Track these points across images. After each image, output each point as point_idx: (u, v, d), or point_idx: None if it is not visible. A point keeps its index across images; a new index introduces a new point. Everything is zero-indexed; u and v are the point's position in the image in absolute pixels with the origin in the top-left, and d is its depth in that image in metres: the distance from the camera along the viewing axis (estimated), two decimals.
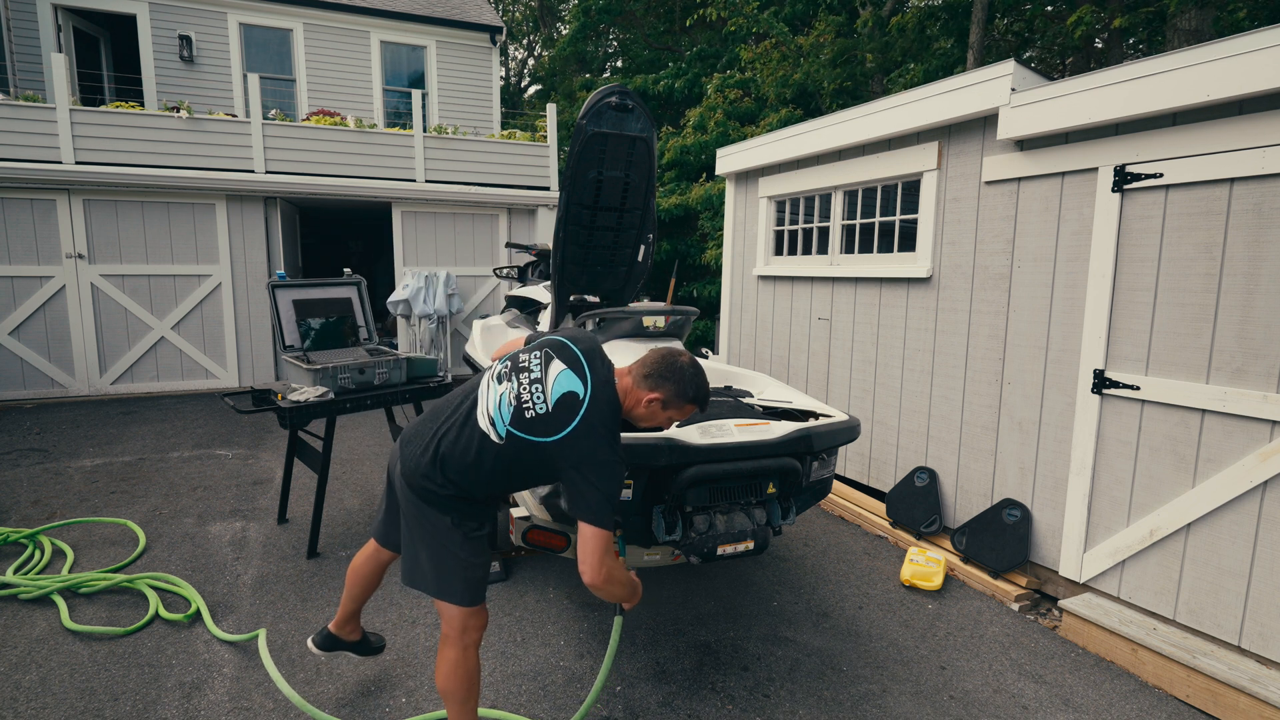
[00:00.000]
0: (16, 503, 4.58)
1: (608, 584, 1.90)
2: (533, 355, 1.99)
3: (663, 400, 1.97)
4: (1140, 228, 3.13)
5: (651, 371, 1.98)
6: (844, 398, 5.05)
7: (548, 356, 1.96)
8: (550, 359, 1.95)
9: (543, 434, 1.86)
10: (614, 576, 1.92)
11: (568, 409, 1.86)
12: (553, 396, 1.87)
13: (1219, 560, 2.89)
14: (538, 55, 25.77)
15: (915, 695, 2.75)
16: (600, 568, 1.87)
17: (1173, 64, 2.89)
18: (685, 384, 1.99)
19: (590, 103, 2.97)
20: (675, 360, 1.99)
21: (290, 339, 4.31)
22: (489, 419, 1.92)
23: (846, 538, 4.39)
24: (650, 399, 1.97)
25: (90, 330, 7.95)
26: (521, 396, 1.90)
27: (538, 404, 1.88)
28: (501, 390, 1.94)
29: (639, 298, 4.31)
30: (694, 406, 2.02)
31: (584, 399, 1.87)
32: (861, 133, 4.61)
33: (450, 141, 9.35)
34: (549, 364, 1.94)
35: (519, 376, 1.94)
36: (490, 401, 1.94)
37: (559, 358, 1.95)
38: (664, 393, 1.97)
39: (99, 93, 10.39)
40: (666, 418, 2.03)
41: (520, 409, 1.89)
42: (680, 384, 1.98)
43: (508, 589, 3.54)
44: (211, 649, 2.93)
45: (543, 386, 1.90)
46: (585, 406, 1.86)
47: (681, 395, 1.98)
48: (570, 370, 1.92)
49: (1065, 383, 3.48)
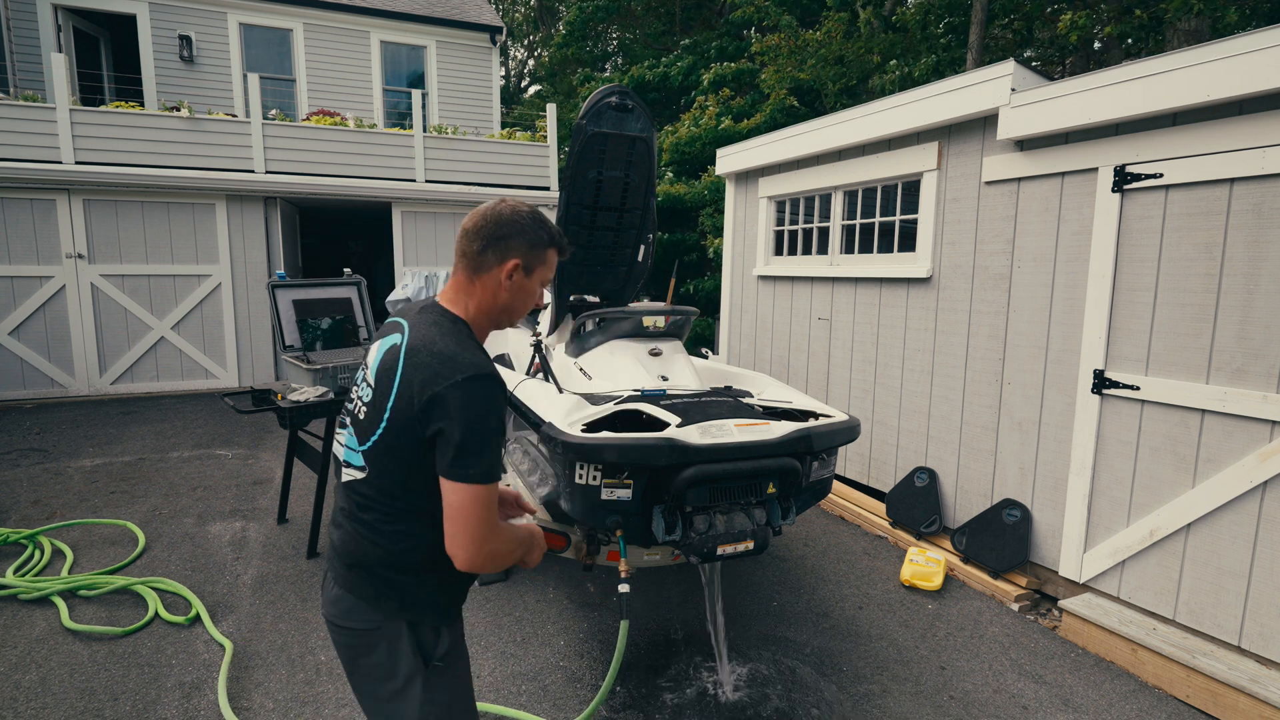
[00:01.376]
0: (16, 503, 4.58)
1: (491, 561, 1.37)
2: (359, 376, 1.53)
3: (522, 263, 1.47)
4: (1140, 228, 3.13)
5: (486, 243, 1.45)
6: (844, 398, 5.05)
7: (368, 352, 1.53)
8: (366, 356, 1.52)
9: (378, 416, 1.37)
10: (498, 552, 1.38)
11: (389, 364, 1.38)
12: (373, 372, 1.42)
13: (1219, 560, 2.89)
14: (538, 55, 25.76)
15: (915, 695, 2.75)
16: (483, 542, 1.33)
17: (1173, 64, 2.89)
18: (531, 228, 1.48)
19: (590, 103, 2.97)
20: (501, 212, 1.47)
21: (290, 339, 4.31)
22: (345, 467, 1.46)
23: (846, 538, 4.39)
24: (509, 270, 1.46)
25: (90, 330, 7.95)
26: (354, 409, 1.47)
27: (363, 395, 1.44)
28: (345, 429, 1.50)
29: (639, 297, 4.31)
30: (555, 250, 1.54)
31: (403, 338, 1.41)
32: (861, 133, 4.61)
33: (450, 141, 9.35)
34: (367, 357, 1.51)
35: (349, 406, 1.52)
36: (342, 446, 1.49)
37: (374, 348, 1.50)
38: (517, 253, 1.46)
39: (99, 93, 10.39)
40: (539, 282, 1.55)
41: (356, 422, 1.44)
42: (526, 230, 1.47)
43: (508, 589, 3.54)
44: (211, 649, 2.93)
45: (364, 375, 1.48)
46: (406, 341, 1.39)
47: (537, 242, 1.48)
48: (381, 337, 1.50)
49: (1065, 383, 3.48)
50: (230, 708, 2.51)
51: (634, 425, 2.64)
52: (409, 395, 1.32)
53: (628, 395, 2.77)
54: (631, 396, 2.73)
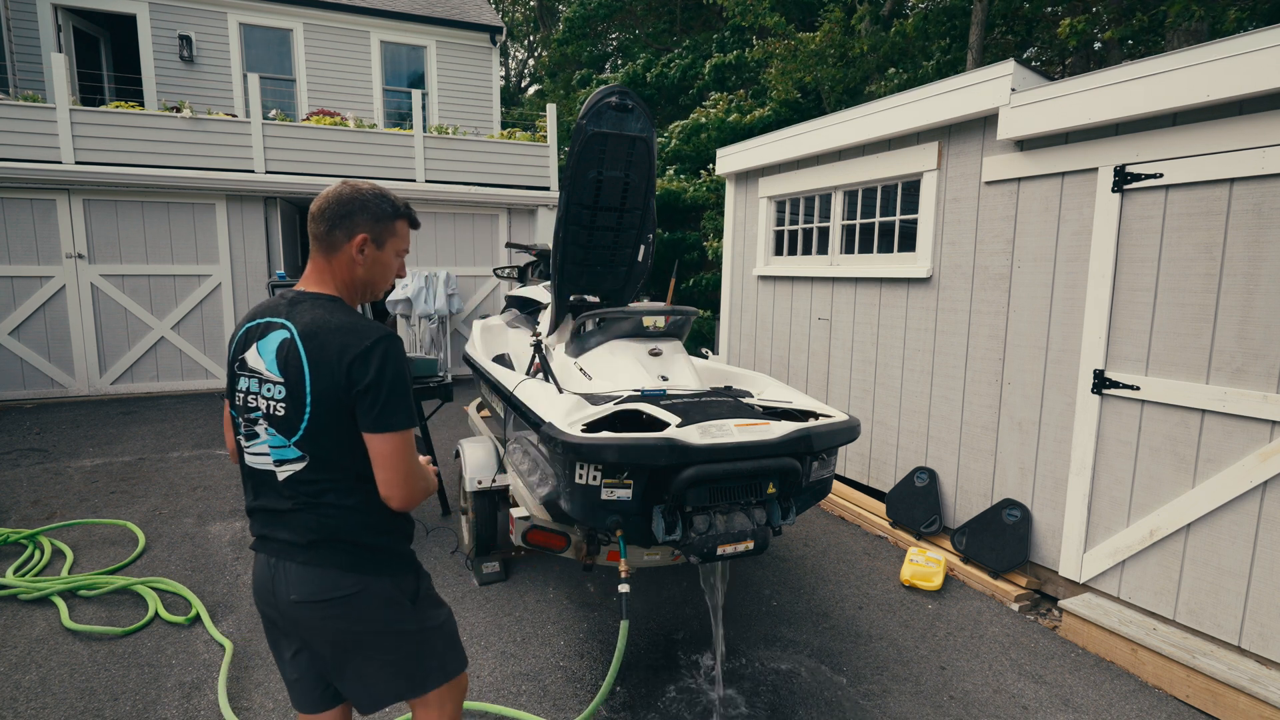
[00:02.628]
0: (16, 503, 4.58)
1: (419, 495, 1.52)
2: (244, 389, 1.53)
3: (370, 236, 1.54)
4: (1140, 228, 3.13)
5: (332, 223, 1.52)
6: (844, 398, 5.05)
7: (245, 370, 1.52)
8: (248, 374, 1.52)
9: (300, 403, 1.43)
10: (421, 488, 1.53)
11: (290, 354, 1.44)
12: (273, 368, 1.46)
13: (1219, 560, 2.89)
14: (538, 55, 25.76)
15: (915, 695, 2.75)
16: (415, 480, 1.49)
17: (1173, 64, 2.89)
18: (373, 202, 1.55)
19: (590, 103, 2.97)
20: (342, 192, 1.54)
21: None
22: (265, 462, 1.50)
23: (846, 538, 4.39)
24: (358, 244, 1.52)
25: (90, 330, 7.95)
26: (265, 411, 1.48)
27: (272, 394, 1.47)
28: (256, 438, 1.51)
29: (639, 297, 4.30)
30: (404, 220, 1.61)
31: (291, 329, 1.47)
32: (861, 133, 4.61)
33: (450, 141, 9.35)
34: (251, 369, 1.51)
35: (250, 415, 1.51)
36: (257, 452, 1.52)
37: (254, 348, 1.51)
38: (363, 227, 1.53)
39: (99, 93, 10.39)
40: (393, 253, 1.61)
41: (275, 421, 1.47)
42: (369, 205, 1.54)
43: (508, 589, 3.54)
44: (211, 649, 2.93)
45: (260, 379, 1.49)
46: (297, 330, 1.46)
47: (381, 214, 1.55)
48: (259, 340, 1.50)
49: (1065, 383, 3.48)
50: (230, 708, 2.51)
51: (634, 425, 2.64)
52: (329, 370, 1.42)
53: (628, 395, 2.77)
54: (631, 396, 2.73)
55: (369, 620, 1.51)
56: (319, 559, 1.49)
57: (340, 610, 1.49)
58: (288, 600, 1.49)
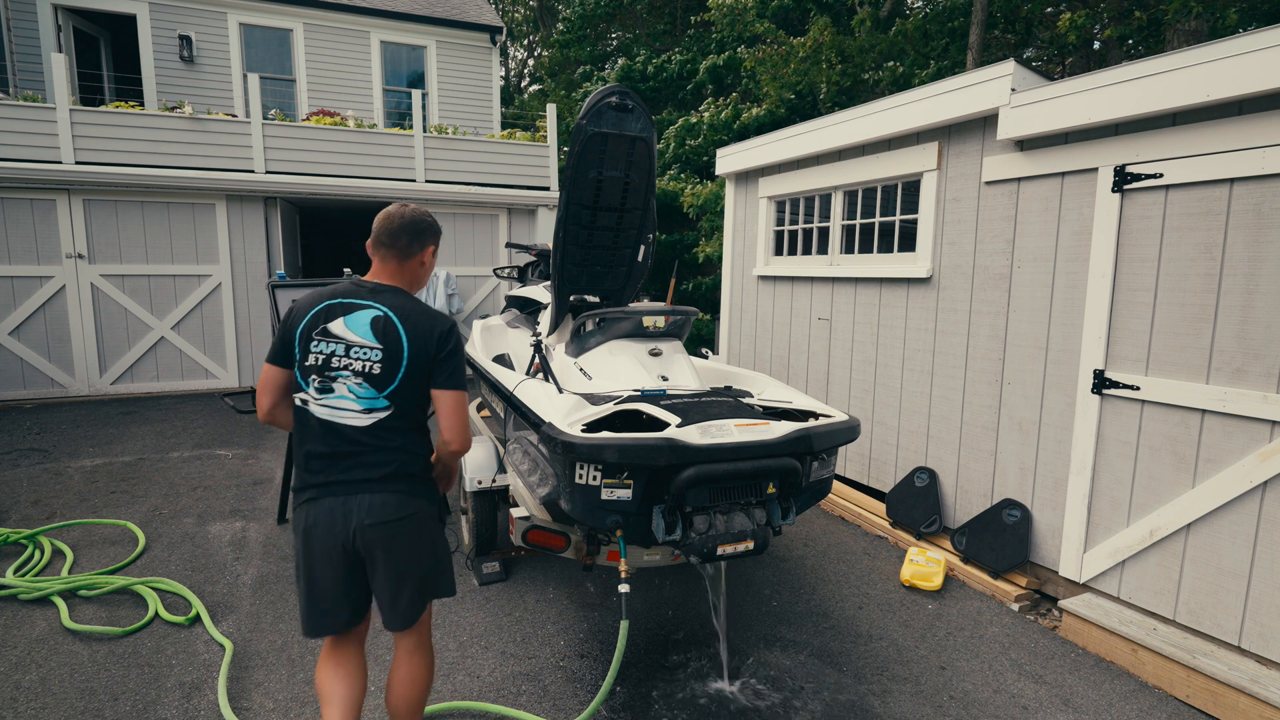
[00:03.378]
0: (16, 503, 4.58)
1: (469, 443, 2.05)
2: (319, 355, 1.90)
3: (435, 249, 2.13)
4: (1140, 228, 3.13)
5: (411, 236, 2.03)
6: (844, 398, 5.05)
7: (329, 340, 1.90)
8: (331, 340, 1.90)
9: (395, 364, 1.89)
10: (469, 438, 2.06)
11: (387, 327, 1.90)
12: (369, 337, 1.89)
13: (1219, 560, 2.89)
14: (538, 55, 25.76)
15: (915, 695, 2.75)
16: (468, 428, 2.03)
17: (1173, 64, 2.89)
18: (435, 224, 2.13)
19: (590, 103, 2.97)
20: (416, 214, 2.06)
21: None
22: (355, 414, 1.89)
23: (846, 538, 4.39)
24: (430, 254, 2.11)
25: (90, 330, 7.95)
26: (360, 367, 1.88)
27: (368, 356, 1.88)
28: (336, 394, 1.89)
29: (639, 297, 4.30)
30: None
31: (383, 309, 1.92)
32: (861, 133, 4.61)
33: (450, 141, 9.35)
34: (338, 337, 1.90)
35: (330, 375, 1.89)
36: (338, 406, 1.89)
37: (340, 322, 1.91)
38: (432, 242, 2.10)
39: (99, 93, 10.39)
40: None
41: (369, 377, 1.88)
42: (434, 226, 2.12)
43: (508, 589, 3.54)
44: (211, 649, 2.93)
45: (349, 344, 1.89)
46: (390, 310, 1.92)
47: (439, 233, 2.14)
48: (344, 315, 1.91)
49: (1065, 383, 3.48)
50: (230, 708, 2.51)
51: (634, 425, 2.64)
52: (423, 341, 1.92)
53: (628, 395, 2.77)
54: (631, 396, 2.73)
55: (419, 535, 1.98)
56: (389, 488, 1.93)
57: (404, 528, 1.94)
58: (362, 525, 1.89)
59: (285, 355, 1.95)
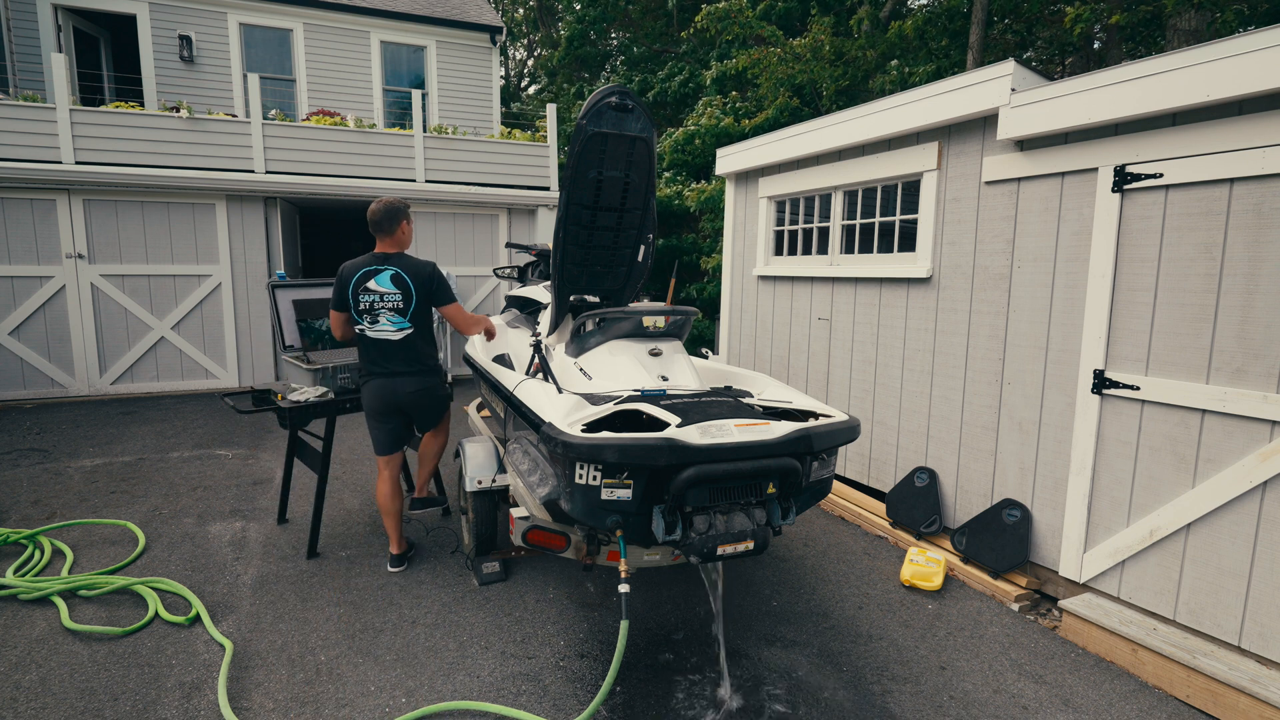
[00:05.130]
0: (16, 503, 4.58)
1: (476, 326, 3.81)
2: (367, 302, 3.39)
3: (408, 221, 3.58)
4: (1140, 228, 3.13)
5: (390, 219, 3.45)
6: (844, 398, 5.05)
7: (369, 293, 3.39)
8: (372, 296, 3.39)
9: (409, 298, 3.41)
10: (474, 324, 3.78)
11: (399, 279, 3.41)
12: (390, 286, 3.40)
13: (1219, 560, 2.89)
14: (537, 55, 25.76)
15: (915, 695, 2.75)
16: (469, 324, 3.68)
17: (1173, 64, 2.89)
18: (403, 205, 3.52)
19: (590, 103, 2.97)
20: (391, 203, 3.47)
21: (290, 339, 4.31)
22: (392, 334, 3.42)
23: (846, 538, 4.39)
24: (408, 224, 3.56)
25: (90, 330, 7.95)
26: (388, 304, 3.39)
27: (392, 298, 3.40)
28: (379, 322, 3.41)
29: (639, 297, 4.30)
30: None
31: (397, 267, 3.42)
32: (861, 133, 4.61)
33: (450, 141, 9.35)
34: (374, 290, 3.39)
35: (375, 313, 3.39)
36: (380, 331, 3.41)
37: (373, 281, 3.39)
38: (405, 217, 3.53)
39: (99, 93, 10.39)
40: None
41: (398, 310, 3.41)
42: (405, 208, 3.54)
43: (508, 589, 3.54)
44: (211, 649, 2.93)
45: (382, 294, 3.39)
46: (401, 268, 3.42)
47: (406, 209, 3.56)
48: (375, 276, 3.40)
49: (1065, 383, 3.48)
50: (230, 708, 2.51)
51: (634, 425, 2.64)
52: (422, 281, 3.42)
53: (628, 395, 2.77)
54: (631, 396, 2.73)
55: (434, 396, 3.62)
56: (415, 371, 3.50)
57: (426, 394, 3.57)
58: (405, 393, 3.49)
59: (342, 303, 3.43)
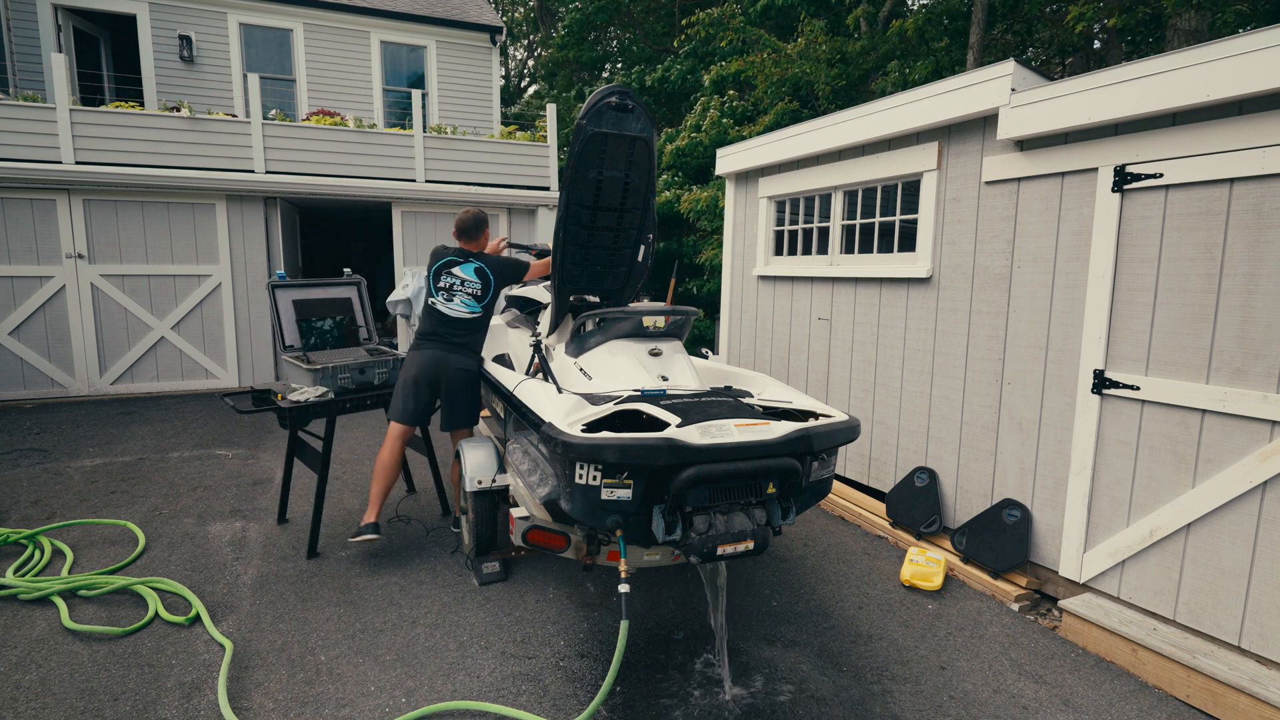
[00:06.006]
0: (16, 503, 4.58)
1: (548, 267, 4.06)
2: (447, 283, 3.79)
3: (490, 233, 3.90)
4: (1140, 228, 3.13)
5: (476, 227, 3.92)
6: (844, 398, 5.05)
7: (452, 277, 3.80)
8: (454, 279, 3.79)
9: (487, 288, 3.83)
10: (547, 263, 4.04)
11: (480, 271, 3.83)
12: (473, 276, 3.82)
13: (1219, 560, 2.89)
14: (538, 55, 25.75)
15: (915, 695, 2.75)
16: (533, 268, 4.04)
17: (1173, 64, 2.89)
18: (486, 217, 3.96)
19: (590, 103, 2.97)
20: (476, 213, 3.93)
21: (290, 339, 4.31)
22: (461, 313, 3.78)
23: (846, 538, 4.39)
24: (488, 235, 4.02)
25: (90, 330, 7.95)
26: (468, 290, 3.80)
27: (472, 286, 3.80)
28: (454, 301, 3.78)
29: (639, 297, 4.30)
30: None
31: (478, 261, 3.85)
32: (861, 133, 4.61)
33: (450, 141, 9.35)
34: (457, 275, 3.80)
35: (452, 293, 3.78)
36: (454, 308, 3.78)
37: (457, 268, 3.80)
38: (487, 227, 3.97)
39: (99, 93, 10.39)
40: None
41: (475, 295, 3.80)
42: (486, 218, 3.96)
43: (508, 589, 3.54)
44: (211, 649, 2.93)
45: (464, 280, 3.80)
46: (482, 262, 3.85)
47: (487, 221, 3.98)
48: (460, 265, 3.82)
49: (1065, 383, 3.48)
50: (230, 708, 2.51)
51: (634, 425, 2.64)
52: (499, 274, 3.87)
53: (628, 395, 2.77)
54: (631, 396, 2.73)
55: (472, 380, 3.80)
56: (463, 351, 3.79)
57: (468, 374, 3.77)
58: (454, 368, 3.73)
59: (431, 285, 3.85)
